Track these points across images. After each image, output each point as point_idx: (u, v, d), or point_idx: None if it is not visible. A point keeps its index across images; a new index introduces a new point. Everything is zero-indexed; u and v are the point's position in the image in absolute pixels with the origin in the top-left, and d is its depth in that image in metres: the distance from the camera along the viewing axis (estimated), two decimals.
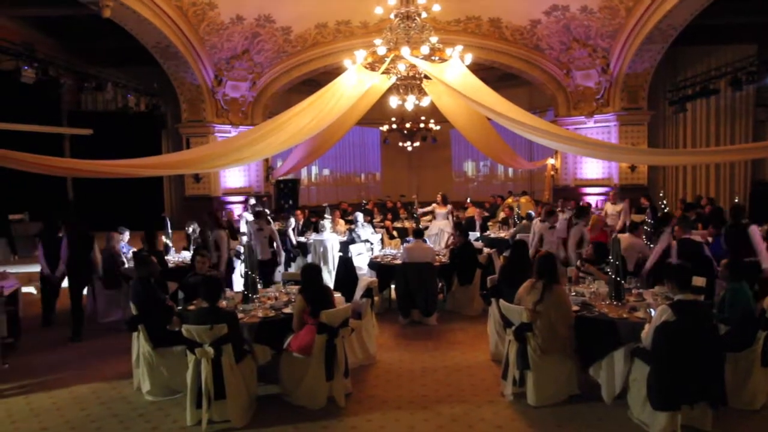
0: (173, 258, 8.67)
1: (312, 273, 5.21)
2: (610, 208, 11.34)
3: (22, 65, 10.05)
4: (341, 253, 9.55)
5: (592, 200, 14.33)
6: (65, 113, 15.18)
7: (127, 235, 8.47)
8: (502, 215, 12.93)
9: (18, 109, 12.05)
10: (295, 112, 8.01)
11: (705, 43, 14.51)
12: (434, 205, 12.31)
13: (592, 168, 15.48)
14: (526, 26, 14.30)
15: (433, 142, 18.18)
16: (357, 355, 5.74)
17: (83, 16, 11.91)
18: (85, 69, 12.61)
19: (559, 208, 9.97)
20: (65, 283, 7.48)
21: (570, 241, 8.12)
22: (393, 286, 7.97)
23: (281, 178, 15.75)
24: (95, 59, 14.01)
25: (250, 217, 10.29)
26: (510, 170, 20.02)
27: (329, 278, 8.57)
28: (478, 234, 11.26)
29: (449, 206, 12.18)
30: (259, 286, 6.14)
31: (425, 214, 12.85)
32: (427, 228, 11.45)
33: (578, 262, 6.89)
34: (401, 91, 9.22)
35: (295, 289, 5.99)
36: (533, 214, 10.77)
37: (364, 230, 10.51)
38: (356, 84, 8.32)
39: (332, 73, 13.06)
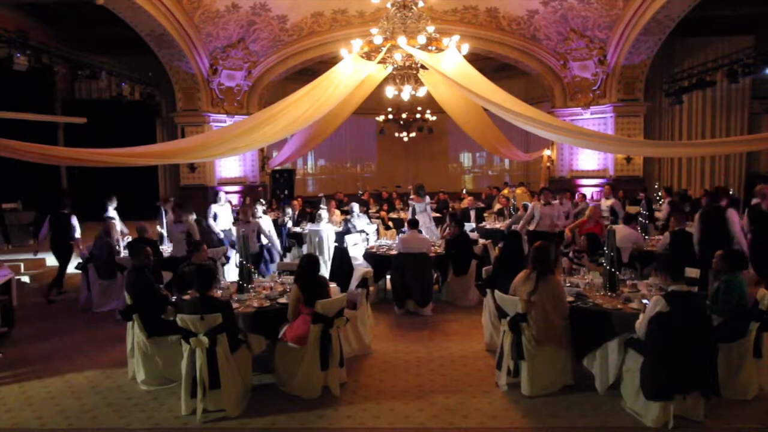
0: (168, 248, 8.64)
1: (308, 263, 5.21)
2: (602, 203, 11.30)
3: (15, 53, 9.94)
4: (337, 244, 9.55)
5: (587, 192, 14.35)
6: (59, 101, 15.06)
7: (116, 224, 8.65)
8: (498, 206, 12.95)
9: (11, 97, 11.94)
10: (291, 102, 7.97)
11: (702, 34, 14.48)
12: (411, 198, 10.81)
13: (587, 159, 15.48)
14: (524, 16, 14.24)
15: (429, 133, 18.14)
16: (352, 345, 5.75)
17: (77, 3, 11.80)
18: (79, 57, 12.49)
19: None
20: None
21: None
22: (388, 277, 7.98)
23: (277, 168, 15.71)
24: (89, 47, 13.88)
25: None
26: (506, 161, 20.02)
27: (324, 268, 8.56)
28: (473, 225, 11.26)
29: (427, 198, 10.67)
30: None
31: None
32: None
33: (571, 254, 6.91)
34: (397, 81, 9.20)
35: (290, 279, 6.01)
36: (529, 205, 10.78)
37: (360, 221, 10.50)
38: (352, 73, 8.28)
39: (328, 62, 12.97)
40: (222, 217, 9.98)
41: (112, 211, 9.32)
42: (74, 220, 8.56)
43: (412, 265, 7.45)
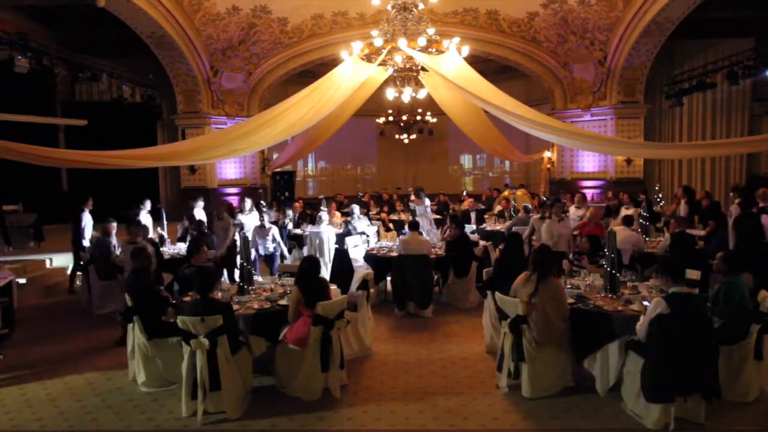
0: (168, 249, 8.64)
1: (309, 264, 5.20)
2: (572, 211, 10.31)
3: (16, 55, 9.95)
4: (337, 246, 9.54)
5: (588, 193, 14.34)
6: (59, 103, 15.08)
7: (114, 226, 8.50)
8: (498, 208, 12.96)
9: (12, 99, 11.96)
10: (292, 104, 7.99)
11: (702, 36, 14.48)
12: (411, 200, 10.99)
13: (588, 161, 15.50)
14: (524, 18, 14.26)
15: (429, 135, 18.15)
16: (352, 347, 5.75)
17: (78, 5, 11.81)
18: (80, 59, 12.50)
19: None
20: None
21: (526, 232, 8.49)
22: (389, 279, 7.98)
23: (277, 169, 15.72)
24: (89, 49, 13.89)
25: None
26: (507, 163, 20.03)
27: (325, 270, 8.56)
28: (474, 227, 11.26)
29: (427, 200, 10.78)
30: None
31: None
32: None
33: (571, 255, 6.91)
34: (398, 83, 9.20)
35: (290, 281, 6.00)
36: (530, 206, 10.79)
37: (361, 222, 10.49)
38: (353, 75, 8.29)
39: (329, 64, 13.00)
40: (250, 227, 9.60)
41: (145, 215, 9.32)
42: (84, 217, 8.78)
43: (412, 267, 7.44)
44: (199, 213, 10.05)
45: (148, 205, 9.51)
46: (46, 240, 11.17)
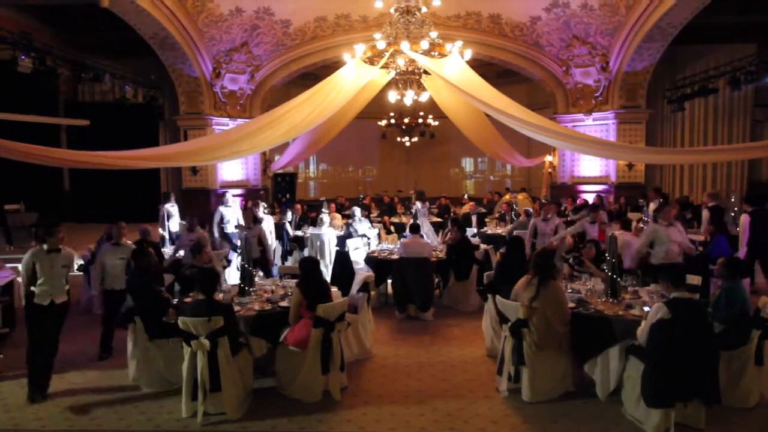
0: (169, 250, 8.65)
1: (310, 266, 5.21)
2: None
3: (19, 54, 9.98)
4: (338, 248, 9.55)
5: (589, 198, 14.33)
6: (62, 103, 15.11)
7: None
8: (500, 212, 12.96)
9: (14, 99, 12.00)
10: (294, 106, 7.99)
11: (704, 42, 14.50)
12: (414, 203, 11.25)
13: (589, 165, 15.50)
14: (526, 23, 14.28)
15: (431, 138, 18.16)
16: (353, 350, 5.75)
17: (81, 5, 11.86)
18: (83, 59, 12.54)
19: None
20: None
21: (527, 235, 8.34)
22: (389, 281, 7.98)
23: (279, 171, 15.72)
24: (92, 50, 13.93)
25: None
26: (508, 167, 20.03)
27: (326, 272, 8.56)
28: (475, 230, 11.26)
29: (427, 203, 11.02)
30: None
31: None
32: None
33: (571, 260, 6.91)
34: (400, 85, 9.20)
35: (291, 282, 6.00)
36: (531, 210, 10.79)
37: (362, 225, 10.50)
38: (355, 78, 8.30)
39: (331, 66, 13.00)
40: (233, 220, 9.75)
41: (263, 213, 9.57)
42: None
43: (413, 270, 7.45)
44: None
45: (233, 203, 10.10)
46: None
